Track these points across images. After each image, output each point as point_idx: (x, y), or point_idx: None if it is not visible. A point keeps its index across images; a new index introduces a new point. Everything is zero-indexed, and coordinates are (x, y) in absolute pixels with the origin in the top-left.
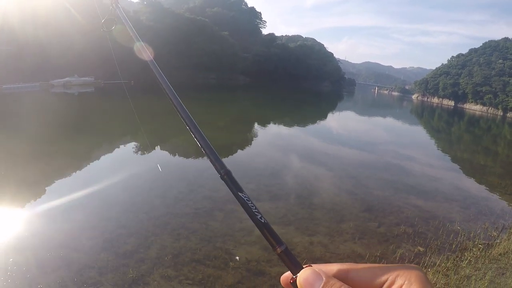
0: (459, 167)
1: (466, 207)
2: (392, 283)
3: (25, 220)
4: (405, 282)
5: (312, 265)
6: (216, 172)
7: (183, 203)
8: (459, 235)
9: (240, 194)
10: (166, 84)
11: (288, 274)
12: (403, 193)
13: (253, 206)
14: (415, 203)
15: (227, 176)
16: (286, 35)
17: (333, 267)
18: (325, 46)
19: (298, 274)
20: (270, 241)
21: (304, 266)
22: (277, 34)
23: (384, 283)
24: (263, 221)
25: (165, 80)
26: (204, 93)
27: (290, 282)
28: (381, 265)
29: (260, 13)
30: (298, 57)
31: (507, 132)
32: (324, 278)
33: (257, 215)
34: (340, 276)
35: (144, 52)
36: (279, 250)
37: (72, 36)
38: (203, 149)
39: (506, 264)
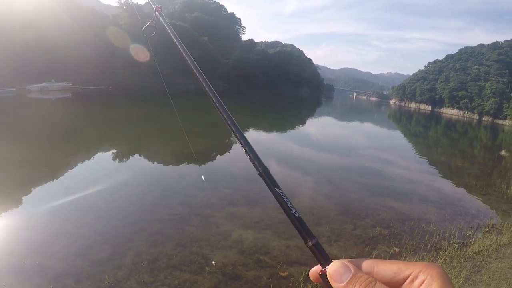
0: (435, 169)
1: (442, 208)
2: (415, 278)
3: None
4: (427, 278)
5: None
6: (254, 168)
7: (159, 210)
8: (435, 235)
9: (277, 190)
10: (208, 86)
11: (317, 267)
12: (379, 196)
13: (288, 202)
14: (391, 205)
15: (264, 173)
16: (265, 41)
17: (360, 261)
18: (304, 52)
19: (327, 267)
20: (302, 235)
21: (333, 260)
22: (257, 40)
23: (407, 277)
24: (297, 215)
25: (207, 82)
26: (181, 99)
27: (319, 274)
28: (404, 261)
29: (240, 19)
30: (277, 63)
31: (483, 135)
32: (352, 271)
33: (291, 209)
34: (366, 270)
35: (189, 58)
36: (310, 243)
37: (52, 41)
38: (243, 147)
39: (481, 261)
